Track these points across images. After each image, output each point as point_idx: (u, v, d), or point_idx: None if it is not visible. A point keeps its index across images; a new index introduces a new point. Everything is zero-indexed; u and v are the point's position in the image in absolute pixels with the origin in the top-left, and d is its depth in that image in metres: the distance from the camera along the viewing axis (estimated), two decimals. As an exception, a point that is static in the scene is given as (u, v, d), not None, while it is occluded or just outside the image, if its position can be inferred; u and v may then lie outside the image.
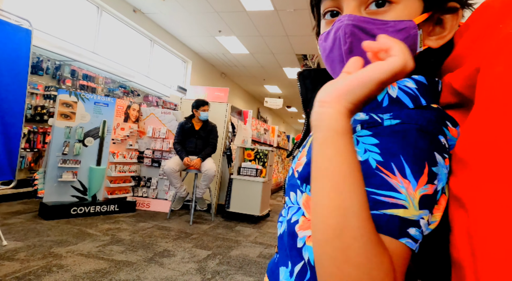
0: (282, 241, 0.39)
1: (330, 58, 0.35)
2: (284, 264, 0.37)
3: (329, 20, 0.36)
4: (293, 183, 0.39)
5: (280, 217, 0.42)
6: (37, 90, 3.38)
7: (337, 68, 0.34)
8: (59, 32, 3.82)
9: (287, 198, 0.40)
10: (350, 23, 0.31)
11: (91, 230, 2.41)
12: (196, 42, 6.28)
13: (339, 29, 0.32)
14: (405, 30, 0.30)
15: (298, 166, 0.38)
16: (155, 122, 3.51)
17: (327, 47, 0.35)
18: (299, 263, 0.34)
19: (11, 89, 2.01)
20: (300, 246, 0.34)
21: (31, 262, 1.72)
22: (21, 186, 3.11)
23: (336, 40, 0.33)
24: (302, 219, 0.36)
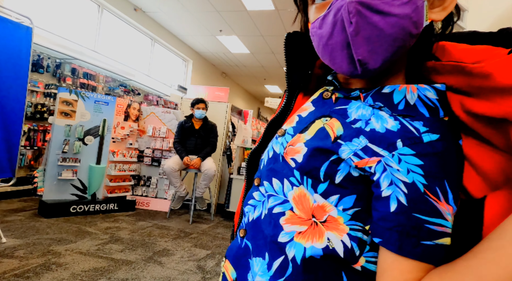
0: (257, 227, 0.36)
1: (329, 46, 0.30)
2: (259, 255, 0.35)
3: (321, 3, 0.32)
4: (277, 169, 0.36)
5: (250, 200, 0.39)
6: (38, 88, 3.38)
7: (338, 57, 0.30)
8: (60, 30, 3.82)
9: (266, 183, 0.37)
10: (354, 0, 0.27)
11: (91, 229, 2.41)
12: (197, 41, 6.28)
13: (340, 9, 0.28)
14: (412, 1, 0.27)
15: (294, 153, 0.34)
16: (155, 121, 3.51)
17: (324, 34, 0.30)
18: (278, 257, 0.33)
19: (11, 87, 2.01)
20: (284, 240, 0.33)
21: (30, 260, 1.72)
22: (20, 184, 3.11)
23: (336, 23, 0.29)
24: (290, 213, 0.33)
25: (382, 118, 0.30)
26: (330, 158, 0.31)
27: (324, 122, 0.34)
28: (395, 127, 0.29)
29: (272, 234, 0.34)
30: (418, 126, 0.29)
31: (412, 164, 0.27)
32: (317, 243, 0.31)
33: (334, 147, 0.31)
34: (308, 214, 0.32)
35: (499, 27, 0.29)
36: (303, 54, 0.39)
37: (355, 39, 0.28)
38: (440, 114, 0.30)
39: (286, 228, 0.33)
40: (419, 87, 0.30)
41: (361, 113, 0.32)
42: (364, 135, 0.30)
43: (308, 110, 0.38)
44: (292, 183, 0.34)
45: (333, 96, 0.36)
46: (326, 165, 0.31)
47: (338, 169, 0.31)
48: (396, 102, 0.31)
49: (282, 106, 0.41)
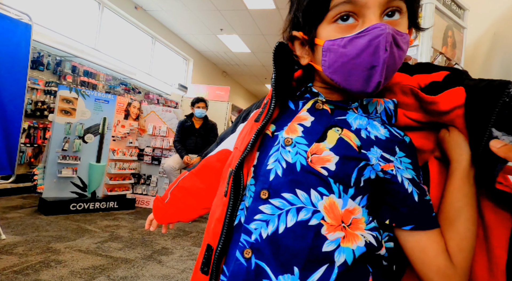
0: (276, 243, 0.34)
1: (350, 65, 0.34)
2: (285, 272, 0.33)
3: (344, 25, 0.35)
4: (300, 179, 0.36)
5: (257, 214, 0.36)
6: (38, 85, 3.38)
7: (356, 75, 0.35)
8: (60, 28, 3.81)
9: (288, 195, 0.35)
10: (391, 33, 0.33)
11: (90, 227, 2.41)
12: (197, 40, 6.27)
13: (379, 36, 0.32)
14: (408, 41, 0.36)
15: (323, 162, 0.35)
16: (156, 120, 3.51)
17: (349, 53, 0.34)
18: (319, 268, 0.33)
19: (10, 84, 2.01)
20: (330, 249, 0.34)
21: (30, 257, 1.72)
22: (20, 181, 3.11)
23: (368, 47, 0.33)
24: (323, 223, 0.34)
25: (375, 127, 0.39)
26: (359, 165, 0.36)
27: (337, 132, 0.38)
28: (386, 133, 0.38)
29: (311, 246, 0.33)
30: (398, 130, 0.39)
31: (406, 163, 0.37)
32: (359, 241, 0.35)
33: (362, 156, 0.36)
34: (338, 221, 0.35)
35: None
36: (287, 64, 0.42)
37: (383, 65, 0.33)
38: (393, 120, 0.40)
39: (330, 237, 0.34)
40: (385, 100, 0.41)
41: (359, 123, 0.39)
42: (376, 145, 0.37)
43: (308, 119, 0.40)
44: (321, 193, 0.35)
45: (324, 106, 0.41)
46: (356, 171, 0.36)
47: (363, 173, 0.36)
48: (370, 111, 0.41)
49: (269, 115, 0.39)
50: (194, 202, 0.60)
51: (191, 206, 0.60)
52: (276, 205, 0.36)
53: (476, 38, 1.36)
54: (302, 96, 0.43)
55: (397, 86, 0.40)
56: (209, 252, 0.40)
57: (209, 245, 0.40)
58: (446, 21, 1.21)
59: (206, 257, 0.40)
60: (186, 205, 0.60)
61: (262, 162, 0.39)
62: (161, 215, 0.61)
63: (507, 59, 1.12)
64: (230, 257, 0.38)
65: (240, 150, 0.40)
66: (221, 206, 0.40)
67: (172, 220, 0.62)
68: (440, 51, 1.22)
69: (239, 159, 0.39)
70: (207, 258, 0.40)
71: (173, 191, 0.61)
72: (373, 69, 0.34)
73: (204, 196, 0.59)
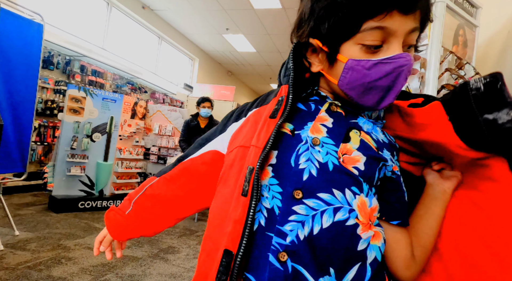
0: (313, 245, 0.34)
1: (370, 85, 0.37)
2: (324, 274, 0.33)
3: (373, 50, 0.37)
4: (335, 179, 0.36)
5: (291, 216, 0.35)
6: (48, 84, 3.44)
7: (372, 95, 0.38)
8: (70, 27, 3.87)
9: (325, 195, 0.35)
10: (412, 63, 0.37)
11: (98, 225, 2.45)
12: (203, 40, 6.30)
13: (404, 66, 0.36)
14: None
15: (354, 162, 0.37)
16: (162, 119, 3.54)
17: (371, 76, 0.36)
18: (353, 266, 0.34)
19: (23, 82, 2.05)
20: (363, 247, 0.35)
21: (42, 253, 1.77)
22: (31, 179, 3.18)
23: (393, 73, 0.36)
24: (358, 221, 0.36)
25: (377, 132, 0.42)
26: (379, 165, 0.38)
27: (356, 133, 0.40)
28: (385, 138, 0.42)
29: (348, 246, 0.34)
30: (390, 136, 0.44)
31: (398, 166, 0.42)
32: (381, 239, 0.37)
33: (382, 156, 0.39)
34: (367, 218, 0.37)
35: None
36: (301, 65, 0.43)
37: (399, 89, 0.37)
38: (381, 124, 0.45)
39: (364, 236, 0.36)
40: None
41: (367, 127, 0.42)
42: (385, 148, 0.41)
43: (328, 120, 0.41)
44: (354, 192, 0.36)
45: (338, 109, 0.42)
46: (377, 170, 0.38)
47: (380, 173, 0.39)
48: (371, 114, 0.45)
49: (288, 110, 0.39)
50: (167, 211, 0.52)
51: (162, 216, 0.52)
52: (311, 206, 0.35)
53: (488, 37, 1.34)
54: (308, 98, 0.44)
55: None
56: (229, 258, 0.35)
57: (227, 250, 0.36)
58: (457, 19, 1.19)
59: (225, 264, 0.35)
60: (155, 216, 0.51)
61: (284, 161, 0.38)
62: (120, 229, 0.51)
63: (521, 58, 1.09)
64: (255, 264, 0.35)
65: (259, 146, 0.38)
66: (240, 207, 0.37)
67: (134, 234, 0.52)
68: (451, 50, 1.20)
69: (261, 156, 0.37)
70: (225, 266, 0.35)
71: (138, 200, 0.52)
72: (389, 91, 0.37)
73: (181, 204, 0.52)
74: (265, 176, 0.38)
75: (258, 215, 0.37)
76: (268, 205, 0.37)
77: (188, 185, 0.51)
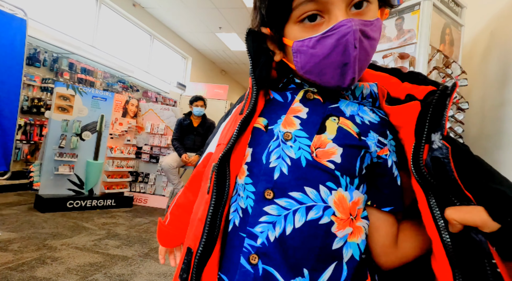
0: (285, 245, 0.33)
1: (322, 64, 0.34)
2: (296, 275, 0.32)
3: (311, 24, 0.34)
4: (307, 176, 0.34)
5: (262, 216, 0.34)
6: (34, 82, 3.35)
7: (329, 73, 0.34)
8: (57, 24, 3.78)
9: (296, 193, 0.34)
10: (358, 28, 0.32)
11: (87, 224, 2.40)
12: (196, 38, 6.25)
13: (346, 35, 0.31)
14: (380, 26, 0.35)
15: (329, 155, 0.34)
16: (154, 118, 3.50)
17: (319, 54, 0.33)
18: (328, 266, 0.33)
19: (6, 79, 1.99)
20: (338, 246, 0.33)
21: (25, 253, 1.71)
22: (16, 178, 3.09)
23: (338, 46, 0.32)
24: (334, 219, 0.33)
25: (366, 112, 0.39)
26: (361, 153, 0.35)
27: (334, 121, 0.37)
28: (377, 117, 0.38)
29: (322, 245, 0.33)
30: (383, 113, 0.39)
31: (393, 145, 0.38)
32: (362, 234, 0.35)
33: (363, 143, 0.36)
34: (347, 214, 0.34)
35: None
36: (264, 53, 0.40)
37: (355, 61, 0.33)
38: (377, 103, 0.40)
39: (340, 234, 0.33)
40: (370, 83, 0.40)
41: (351, 110, 0.38)
42: (372, 130, 0.37)
43: (302, 111, 0.38)
44: (330, 188, 0.34)
45: (315, 95, 0.39)
46: (359, 159, 0.35)
47: (364, 161, 0.36)
48: (357, 95, 0.40)
49: (252, 104, 0.37)
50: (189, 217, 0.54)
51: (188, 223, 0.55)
52: (282, 205, 0.34)
53: (473, 36, 1.37)
54: (287, 87, 0.42)
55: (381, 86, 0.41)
56: (189, 256, 0.36)
57: (189, 248, 0.36)
58: (444, 18, 1.21)
59: (186, 262, 0.36)
60: (185, 222, 0.53)
61: (259, 158, 0.37)
62: (165, 238, 0.56)
63: (504, 56, 1.12)
64: (229, 265, 0.35)
65: (224, 143, 0.37)
66: (203, 205, 0.37)
67: (177, 242, 0.56)
68: (438, 48, 1.22)
69: (222, 152, 0.36)
70: (186, 263, 0.36)
71: (172, 210, 0.56)
72: (345, 66, 0.33)
73: None
74: (242, 175, 0.37)
75: (233, 215, 0.37)
76: (243, 205, 0.36)
77: (198, 190, 0.51)
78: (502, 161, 1.06)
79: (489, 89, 1.20)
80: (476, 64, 1.33)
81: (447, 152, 0.29)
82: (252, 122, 0.38)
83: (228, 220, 0.37)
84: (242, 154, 0.38)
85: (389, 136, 0.38)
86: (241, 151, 0.38)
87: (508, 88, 1.07)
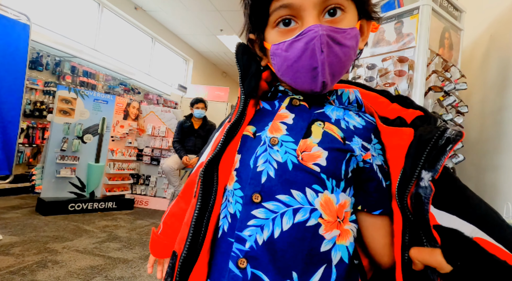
0: (273, 249, 0.33)
1: (294, 68, 0.36)
2: (284, 278, 0.32)
3: (286, 29, 0.36)
4: (293, 179, 0.35)
5: (250, 220, 0.34)
6: (37, 85, 3.38)
7: (302, 77, 0.36)
8: (60, 28, 3.82)
9: (283, 196, 0.34)
10: (325, 34, 0.33)
11: (88, 227, 2.41)
12: (197, 40, 6.28)
13: (313, 39, 0.33)
14: (356, 35, 0.36)
15: (314, 158, 0.35)
16: (155, 120, 3.51)
17: (291, 57, 0.35)
18: (318, 269, 0.33)
19: (8, 83, 2.01)
20: (327, 248, 0.33)
21: (26, 257, 1.72)
22: (18, 181, 3.11)
23: (307, 50, 0.34)
24: (321, 221, 0.34)
25: (351, 117, 0.39)
26: (346, 156, 0.36)
27: (319, 126, 0.38)
28: (362, 121, 0.39)
29: (310, 248, 0.33)
30: (370, 117, 0.40)
31: (378, 149, 0.38)
32: (350, 237, 0.35)
33: (348, 147, 0.36)
34: (334, 216, 0.35)
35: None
36: (253, 64, 0.42)
37: (323, 65, 0.34)
38: (362, 109, 0.42)
39: (328, 236, 0.34)
40: (354, 90, 0.42)
41: (336, 114, 0.39)
42: (356, 135, 0.38)
43: (289, 117, 0.40)
44: (316, 191, 0.34)
45: (301, 102, 0.41)
46: (344, 163, 0.36)
47: (350, 164, 0.36)
48: (344, 100, 0.41)
49: (239, 112, 0.39)
50: None
51: None
52: (270, 209, 0.34)
53: (473, 40, 1.37)
54: (275, 97, 0.43)
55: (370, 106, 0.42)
56: (174, 259, 0.36)
57: (174, 252, 0.37)
58: (443, 23, 1.22)
59: (171, 265, 0.36)
60: (177, 232, 0.52)
61: (247, 164, 0.37)
62: (156, 248, 0.54)
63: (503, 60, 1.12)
64: (219, 271, 0.35)
65: (212, 150, 0.38)
66: (190, 209, 0.37)
67: (168, 253, 0.53)
68: (437, 52, 1.22)
69: (210, 157, 0.37)
70: (171, 267, 0.36)
71: (165, 219, 0.55)
72: (315, 70, 0.35)
73: None
74: (231, 181, 0.38)
75: (223, 222, 0.37)
76: (232, 210, 0.36)
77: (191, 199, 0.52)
78: (501, 164, 1.05)
79: (489, 92, 1.20)
80: (475, 68, 1.33)
81: (430, 193, 0.30)
82: (241, 130, 0.40)
83: (218, 227, 0.37)
84: (231, 161, 0.39)
85: (374, 140, 0.38)
86: (230, 158, 0.38)
87: (507, 92, 1.07)
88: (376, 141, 0.38)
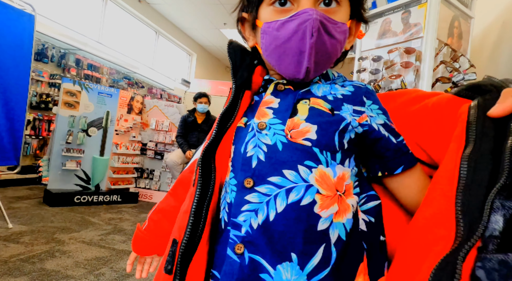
0: (270, 231, 0.32)
1: (282, 48, 0.36)
2: (283, 260, 0.32)
3: (280, 9, 0.37)
4: (284, 159, 0.34)
5: (244, 205, 0.34)
6: (42, 77, 3.41)
7: (287, 60, 0.36)
8: (65, 20, 3.82)
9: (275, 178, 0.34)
10: (318, 18, 0.34)
11: (94, 219, 2.45)
12: (201, 34, 6.24)
13: (306, 21, 0.34)
14: (345, 31, 0.37)
15: (304, 134, 0.35)
16: (158, 115, 3.52)
17: (281, 37, 0.36)
18: (317, 249, 0.32)
19: (14, 74, 2.02)
20: (324, 227, 0.33)
21: (35, 246, 1.76)
22: (26, 172, 3.17)
23: (297, 32, 0.34)
24: (319, 197, 0.33)
25: (337, 89, 0.40)
26: (339, 127, 0.36)
27: (305, 103, 0.38)
28: (351, 88, 0.39)
29: (306, 227, 0.32)
30: (358, 82, 0.41)
31: (376, 109, 0.38)
32: (348, 214, 0.34)
33: (337, 117, 0.36)
34: (333, 190, 0.34)
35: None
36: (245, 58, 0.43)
37: (310, 50, 0.34)
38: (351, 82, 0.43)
39: (324, 214, 0.33)
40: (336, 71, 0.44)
41: (323, 90, 0.40)
42: (345, 101, 0.38)
43: (274, 101, 0.40)
44: (309, 166, 0.34)
45: (285, 86, 0.41)
46: (337, 134, 0.36)
47: (345, 135, 0.36)
48: (330, 77, 0.43)
49: (230, 101, 0.39)
50: (170, 224, 0.50)
51: (167, 230, 0.50)
52: (263, 192, 0.34)
53: (483, 28, 1.33)
54: (265, 89, 0.44)
55: None
56: (174, 247, 0.36)
57: (174, 239, 0.37)
58: (452, 11, 1.18)
59: (171, 253, 0.36)
60: (162, 229, 0.52)
61: (238, 152, 0.38)
62: (139, 244, 0.52)
63: (515, 50, 1.09)
64: (220, 260, 0.35)
65: (208, 137, 0.39)
66: (189, 197, 0.37)
67: (150, 250, 0.52)
68: (446, 42, 1.19)
69: (205, 146, 0.37)
70: (171, 255, 0.36)
71: (151, 215, 0.53)
72: (301, 55, 0.35)
73: None
74: (228, 172, 0.38)
75: (223, 213, 0.37)
76: (229, 200, 0.36)
77: (181, 195, 0.51)
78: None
79: (499, 84, 1.16)
80: (486, 57, 1.29)
81: None
82: (236, 122, 0.40)
83: (219, 218, 0.38)
84: (227, 152, 0.39)
85: (367, 102, 0.38)
86: (226, 149, 0.39)
87: (518, 83, 1.04)
88: (370, 102, 0.38)
